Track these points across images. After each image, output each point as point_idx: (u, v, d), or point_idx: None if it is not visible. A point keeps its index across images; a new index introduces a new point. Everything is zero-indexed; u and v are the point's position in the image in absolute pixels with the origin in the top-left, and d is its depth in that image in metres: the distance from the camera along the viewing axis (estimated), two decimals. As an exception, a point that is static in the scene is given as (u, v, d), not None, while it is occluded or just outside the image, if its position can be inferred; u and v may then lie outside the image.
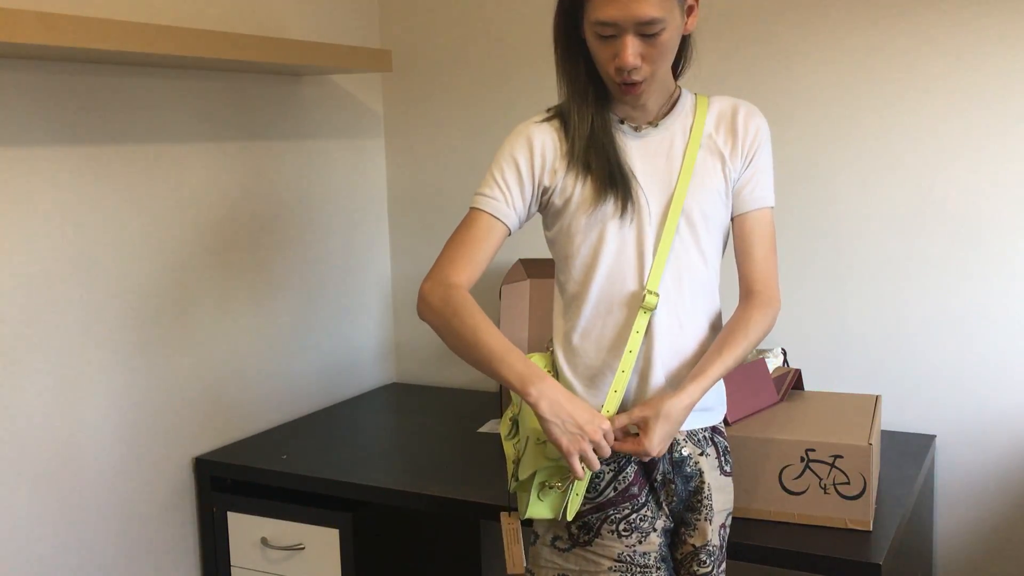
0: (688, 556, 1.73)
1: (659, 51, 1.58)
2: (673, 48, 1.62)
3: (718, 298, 1.74)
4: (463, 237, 1.67)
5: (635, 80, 1.59)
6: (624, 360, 1.64)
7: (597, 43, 1.59)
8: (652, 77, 1.61)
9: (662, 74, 1.64)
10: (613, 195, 1.63)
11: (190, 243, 2.37)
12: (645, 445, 1.57)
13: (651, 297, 1.63)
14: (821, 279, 2.50)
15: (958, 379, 2.39)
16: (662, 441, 1.58)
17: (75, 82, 2.09)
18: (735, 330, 1.66)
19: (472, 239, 1.66)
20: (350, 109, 2.87)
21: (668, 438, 1.59)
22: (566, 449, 1.54)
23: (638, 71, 1.58)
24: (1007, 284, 2.32)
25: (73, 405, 2.12)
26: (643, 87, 1.61)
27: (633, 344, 1.64)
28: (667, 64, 1.63)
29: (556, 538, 1.69)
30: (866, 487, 1.85)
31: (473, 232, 1.67)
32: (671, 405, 1.58)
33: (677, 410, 1.58)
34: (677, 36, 1.61)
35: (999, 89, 2.28)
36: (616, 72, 1.59)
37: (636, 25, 1.54)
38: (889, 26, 2.36)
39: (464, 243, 1.66)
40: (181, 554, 2.39)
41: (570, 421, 1.55)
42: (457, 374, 3.00)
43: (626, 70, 1.58)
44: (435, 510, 2.14)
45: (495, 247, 1.68)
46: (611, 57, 1.58)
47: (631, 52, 1.56)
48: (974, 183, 2.32)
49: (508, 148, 1.70)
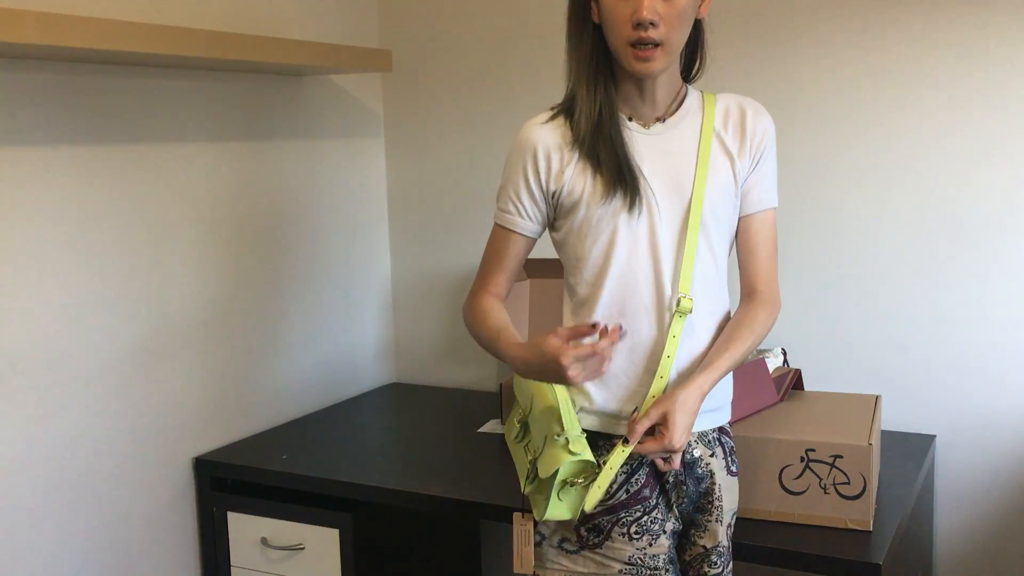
0: (698, 557, 1.72)
1: (676, 13, 1.56)
2: (689, 17, 1.60)
3: (727, 297, 1.74)
4: (488, 253, 1.78)
5: (651, 39, 1.56)
6: (662, 365, 1.64)
7: (614, 4, 1.57)
8: (666, 46, 1.58)
9: (675, 47, 1.61)
10: (621, 191, 1.62)
11: (190, 243, 2.37)
12: (668, 438, 1.56)
13: (686, 301, 1.63)
14: (821, 279, 2.49)
15: (958, 379, 2.39)
16: (684, 432, 1.57)
17: (75, 82, 2.09)
18: (741, 326, 1.67)
19: (495, 254, 1.77)
20: (350, 109, 2.87)
21: (688, 430, 1.58)
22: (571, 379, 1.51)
23: (656, 29, 1.56)
24: (1007, 284, 2.32)
25: (73, 405, 2.12)
26: (656, 56, 1.58)
27: (671, 349, 1.64)
28: (681, 35, 1.61)
29: (564, 540, 1.68)
30: (866, 487, 1.85)
31: (496, 247, 1.77)
32: (685, 395, 1.58)
33: (692, 400, 1.59)
34: (692, 8, 1.60)
35: (1002, 90, 2.28)
36: (633, 28, 1.56)
37: None
38: (891, 25, 2.35)
39: (489, 259, 1.78)
40: (181, 554, 2.39)
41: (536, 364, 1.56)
42: (457, 374, 3.00)
43: (645, 24, 1.55)
44: (435, 510, 2.14)
45: (520, 256, 1.77)
46: (628, 16, 1.56)
47: (648, 6, 1.54)
48: (975, 183, 2.32)
49: (514, 159, 1.71)
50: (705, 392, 1.61)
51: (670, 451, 1.58)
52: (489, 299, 1.76)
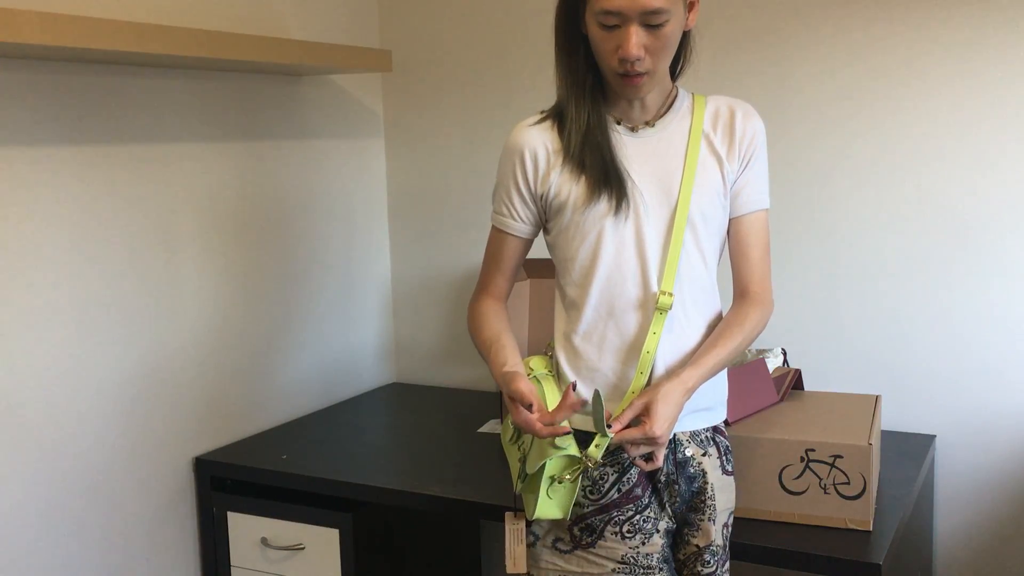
0: (692, 557, 1.73)
1: (662, 43, 1.57)
2: (675, 42, 1.61)
3: (718, 299, 1.74)
4: (487, 256, 1.81)
5: (638, 72, 1.58)
6: (642, 361, 1.64)
7: (600, 34, 1.58)
8: (654, 71, 1.60)
9: (662, 70, 1.64)
10: (607, 193, 1.63)
11: (190, 243, 2.37)
12: (649, 425, 1.55)
13: (665, 298, 1.63)
14: (821, 279, 2.49)
15: (958, 379, 2.39)
16: (666, 422, 1.56)
17: (75, 82, 2.09)
18: (732, 325, 1.67)
19: (492, 256, 1.80)
20: (350, 109, 2.87)
21: (671, 421, 1.57)
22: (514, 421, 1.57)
23: (641, 63, 1.57)
24: (1007, 284, 2.32)
25: (73, 405, 2.12)
26: (645, 80, 1.61)
27: (650, 345, 1.64)
28: (669, 58, 1.63)
29: (557, 540, 1.69)
30: (866, 487, 1.85)
31: (493, 249, 1.80)
32: (669, 388, 1.58)
33: (675, 393, 1.58)
34: (679, 30, 1.61)
35: (999, 89, 2.28)
36: (619, 63, 1.58)
37: (641, 15, 1.54)
38: (886, 24, 2.35)
39: (487, 262, 1.81)
40: (181, 554, 2.39)
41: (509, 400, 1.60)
42: (457, 374, 3.00)
43: (629, 61, 1.56)
44: (435, 510, 2.14)
45: (517, 256, 1.79)
46: (614, 49, 1.58)
47: (635, 43, 1.55)
48: (975, 183, 2.32)
49: (505, 162, 1.74)
50: (690, 388, 1.60)
51: (652, 441, 1.56)
52: (488, 302, 1.79)
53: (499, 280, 1.79)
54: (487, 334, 1.73)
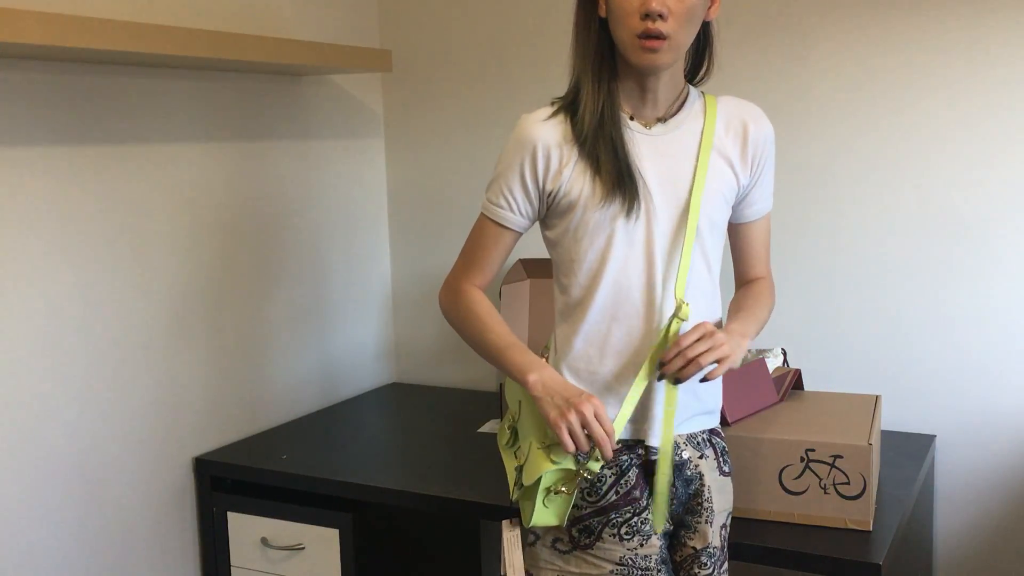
0: (689, 559, 1.72)
1: (685, 8, 1.55)
2: (697, 18, 1.58)
3: (719, 304, 1.74)
4: (473, 244, 1.77)
5: (659, 31, 1.54)
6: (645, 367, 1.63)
7: None
8: (673, 40, 1.56)
9: (681, 46, 1.59)
10: (620, 195, 1.61)
11: (189, 243, 2.37)
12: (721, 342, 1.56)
13: (686, 308, 1.63)
14: (821, 279, 2.50)
15: (958, 379, 2.39)
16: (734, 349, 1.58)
17: (75, 82, 2.09)
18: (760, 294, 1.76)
19: (481, 246, 1.76)
20: (350, 109, 2.87)
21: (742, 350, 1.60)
22: (553, 420, 1.56)
23: (664, 22, 1.54)
24: (1007, 284, 2.32)
25: (72, 406, 2.12)
26: (663, 48, 1.56)
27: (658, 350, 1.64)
28: (688, 35, 1.59)
29: (556, 540, 1.69)
30: (866, 487, 1.85)
31: (483, 240, 1.75)
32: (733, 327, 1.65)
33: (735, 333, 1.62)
34: (702, 9, 1.59)
35: (1001, 89, 2.28)
36: (640, 22, 1.54)
37: None
38: (893, 28, 2.35)
39: (474, 250, 1.77)
40: (181, 554, 2.39)
41: (559, 396, 1.58)
42: (457, 374, 3.00)
43: (653, 15, 1.53)
44: (435, 510, 2.14)
45: (505, 250, 1.76)
46: (636, 7, 1.54)
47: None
48: (975, 183, 2.32)
49: (511, 153, 1.68)
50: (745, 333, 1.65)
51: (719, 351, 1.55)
52: (475, 293, 1.76)
53: (484, 272, 1.76)
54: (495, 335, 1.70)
